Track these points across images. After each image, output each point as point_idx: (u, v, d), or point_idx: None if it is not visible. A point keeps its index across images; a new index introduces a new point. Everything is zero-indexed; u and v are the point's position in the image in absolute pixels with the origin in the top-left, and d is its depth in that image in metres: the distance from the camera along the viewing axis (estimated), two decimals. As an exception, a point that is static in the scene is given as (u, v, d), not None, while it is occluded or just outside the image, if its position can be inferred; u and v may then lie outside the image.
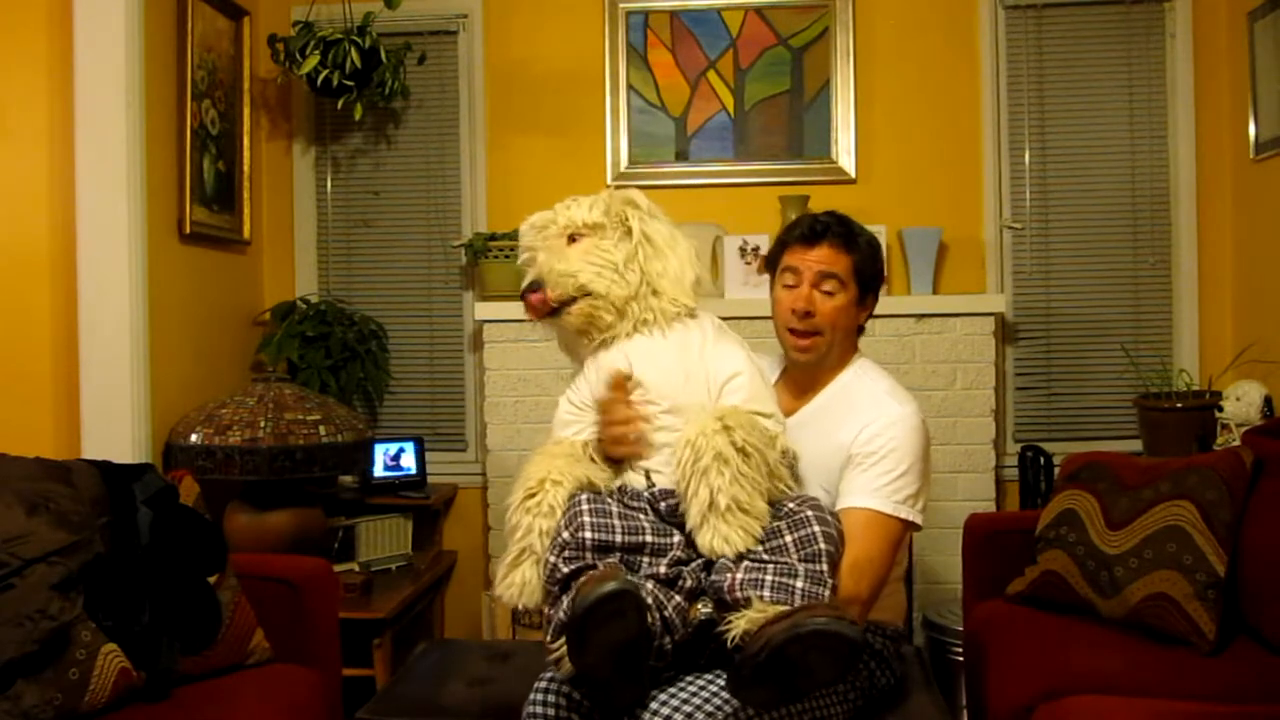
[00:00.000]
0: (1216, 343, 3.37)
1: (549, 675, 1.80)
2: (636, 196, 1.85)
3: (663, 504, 1.73)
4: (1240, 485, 2.19)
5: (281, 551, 2.76)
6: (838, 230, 1.95)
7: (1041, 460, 3.22)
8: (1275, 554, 2.10)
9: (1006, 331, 3.46)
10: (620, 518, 1.68)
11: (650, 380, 1.78)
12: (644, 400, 1.77)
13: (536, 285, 1.77)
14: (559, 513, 1.69)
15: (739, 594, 1.59)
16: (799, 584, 1.60)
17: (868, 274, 1.98)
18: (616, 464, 1.80)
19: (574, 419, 1.84)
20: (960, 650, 2.64)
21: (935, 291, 3.38)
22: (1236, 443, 2.59)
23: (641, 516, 1.70)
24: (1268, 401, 2.84)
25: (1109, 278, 3.47)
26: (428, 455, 3.51)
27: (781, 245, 2.01)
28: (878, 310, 3.39)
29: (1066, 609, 2.29)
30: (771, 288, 2.03)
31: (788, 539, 1.64)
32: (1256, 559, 2.13)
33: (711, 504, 1.62)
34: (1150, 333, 3.45)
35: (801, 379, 2.04)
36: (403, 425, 3.65)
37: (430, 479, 3.51)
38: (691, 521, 1.65)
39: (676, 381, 1.77)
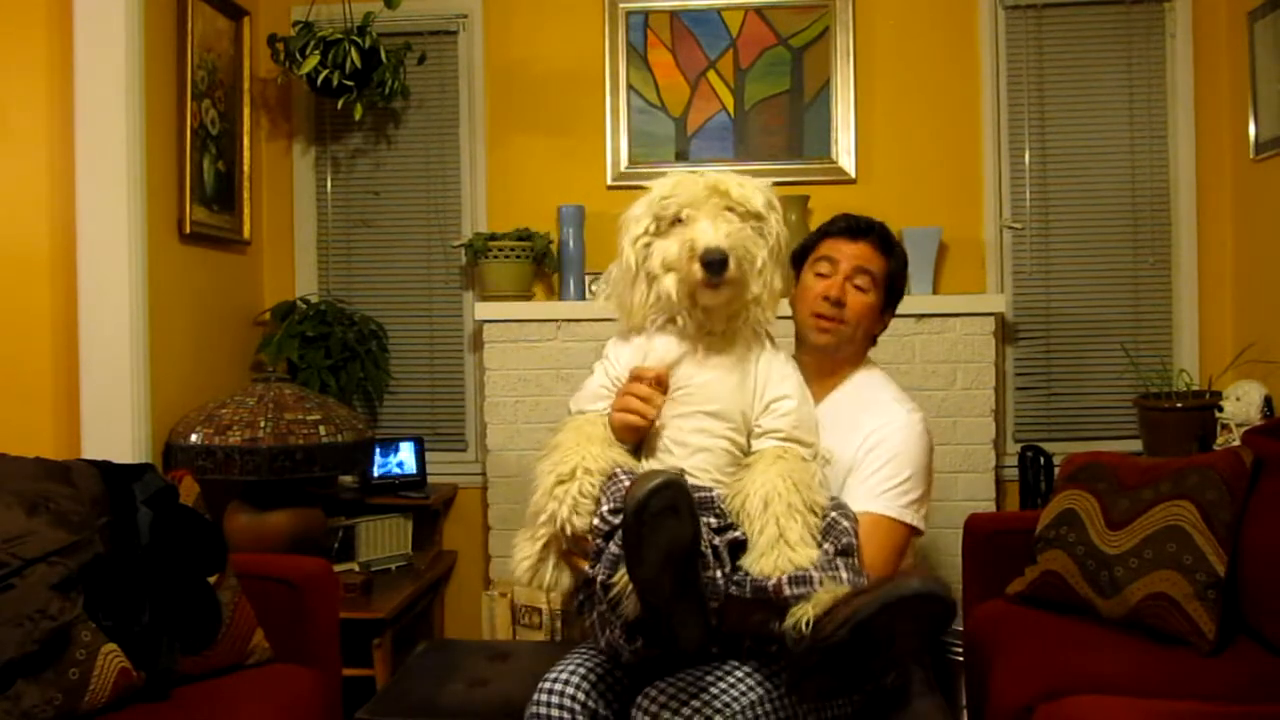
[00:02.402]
0: (1216, 343, 3.37)
1: (553, 676, 1.79)
2: (774, 196, 1.81)
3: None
4: (1240, 485, 2.19)
5: (281, 551, 2.76)
6: (880, 233, 2.02)
7: (1041, 460, 3.22)
8: (1275, 554, 2.10)
9: (1006, 331, 3.46)
10: None
11: (699, 380, 1.76)
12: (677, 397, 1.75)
13: (724, 255, 1.68)
14: (585, 504, 1.67)
15: (787, 592, 1.58)
16: (844, 574, 1.62)
17: (896, 284, 2.05)
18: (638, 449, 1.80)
19: (608, 395, 1.83)
20: (960, 650, 2.64)
21: (935, 291, 3.38)
22: (1236, 443, 2.59)
23: None
24: (1268, 401, 2.84)
25: (1109, 278, 3.47)
26: (428, 455, 3.51)
27: (821, 234, 2.06)
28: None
29: (1066, 609, 2.29)
30: (799, 276, 2.04)
31: (826, 544, 1.67)
32: (1256, 559, 2.13)
33: (781, 537, 1.62)
34: (1150, 333, 3.45)
35: (811, 373, 1.98)
36: (403, 425, 3.64)
37: (430, 479, 3.51)
38: (758, 550, 1.63)
39: (727, 385, 1.76)
